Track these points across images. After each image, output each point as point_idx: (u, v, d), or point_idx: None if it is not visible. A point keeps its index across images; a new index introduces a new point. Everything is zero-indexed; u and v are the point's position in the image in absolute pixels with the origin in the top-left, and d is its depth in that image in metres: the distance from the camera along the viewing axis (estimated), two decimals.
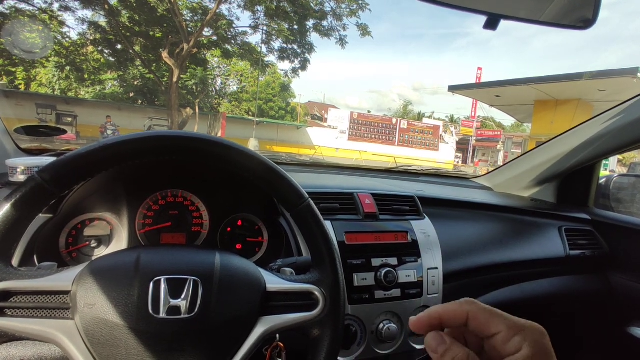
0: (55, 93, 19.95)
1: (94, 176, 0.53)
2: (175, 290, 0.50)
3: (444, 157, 24.81)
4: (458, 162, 24.97)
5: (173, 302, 0.49)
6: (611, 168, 12.47)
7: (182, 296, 0.50)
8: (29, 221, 0.51)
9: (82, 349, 0.47)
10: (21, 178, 0.86)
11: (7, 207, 0.47)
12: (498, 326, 0.34)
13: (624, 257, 1.27)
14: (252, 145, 16.39)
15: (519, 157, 1.62)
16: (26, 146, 1.13)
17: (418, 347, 0.89)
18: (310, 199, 0.60)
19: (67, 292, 0.49)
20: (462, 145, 27.04)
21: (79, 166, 0.50)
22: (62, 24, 14.05)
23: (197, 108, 17.20)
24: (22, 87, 20.08)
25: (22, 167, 0.87)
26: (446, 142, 26.72)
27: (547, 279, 1.20)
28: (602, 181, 1.50)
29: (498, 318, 0.34)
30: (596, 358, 1.41)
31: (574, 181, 1.47)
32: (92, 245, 0.85)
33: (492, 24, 0.61)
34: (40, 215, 0.76)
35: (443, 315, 0.36)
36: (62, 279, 0.50)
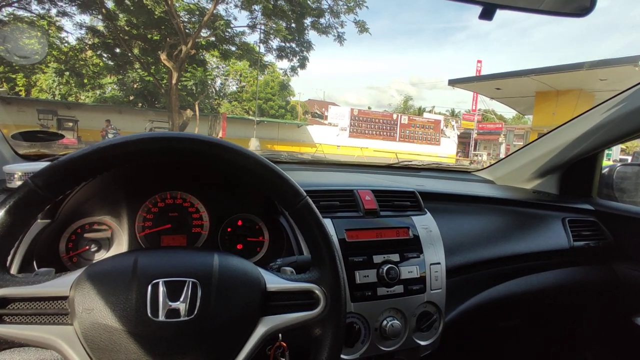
0: (56, 98, 20.00)
1: (88, 180, 0.53)
2: (173, 292, 0.50)
3: (446, 151, 24.71)
4: (460, 157, 24.89)
5: (172, 304, 0.49)
6: (614, 157, 12.40)
7: (181, 298, 0.50)
8: (24, 227, 0.50)
9: (82, 354, 0.47)
10: (18, 184, 0.86)
11: (0, 213, 0.47)
12: None
13: (629, 246, 1.26)
14: (253, 144, 16.38)
15: (520, 149, 1.60)
16: (24, 152, 1.13)
17: (423, 342, 0.88)
18: (308, 197, 0.59)
19: (65, 298, 0.49)
20: (464, 139, 26.87)
21: (72, 170, 0.50)
22: (60, 29, 14.09)
23: (197, 109, 17.20)
24: (23, 94, 20.14)
25: (19, 172, 0.87)
26: (447, 136, 26.60)
27: (552, 271, 1.19)
28: (605, 171, 1.48)
29: None
30: (603, 349, 1.40)
31: (576, 172, 1.45)
32: (92, 250, 0.85)
33: (487, 14, 0.60)
34: (39, 220, 0.76)
35: None
36: (59, 285, 0.50)
